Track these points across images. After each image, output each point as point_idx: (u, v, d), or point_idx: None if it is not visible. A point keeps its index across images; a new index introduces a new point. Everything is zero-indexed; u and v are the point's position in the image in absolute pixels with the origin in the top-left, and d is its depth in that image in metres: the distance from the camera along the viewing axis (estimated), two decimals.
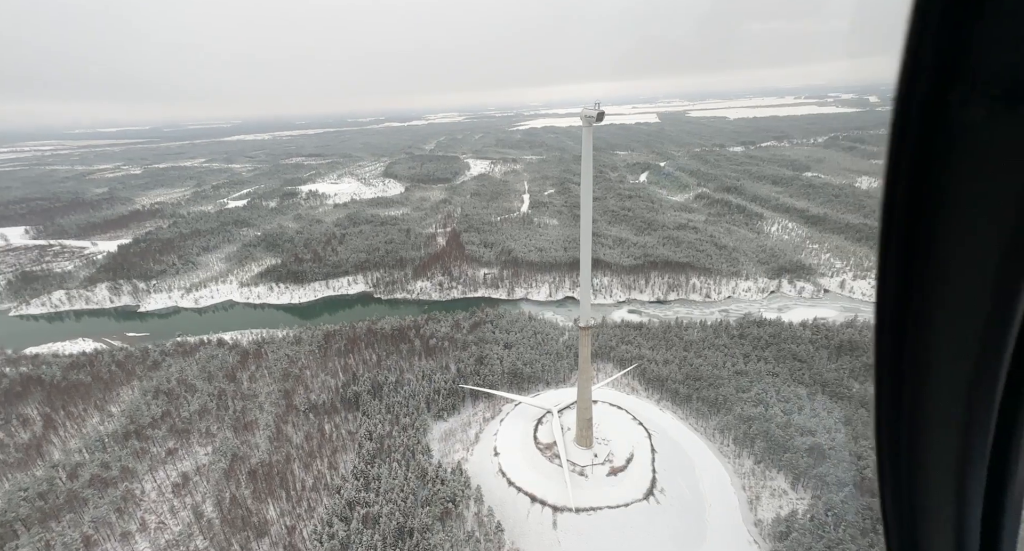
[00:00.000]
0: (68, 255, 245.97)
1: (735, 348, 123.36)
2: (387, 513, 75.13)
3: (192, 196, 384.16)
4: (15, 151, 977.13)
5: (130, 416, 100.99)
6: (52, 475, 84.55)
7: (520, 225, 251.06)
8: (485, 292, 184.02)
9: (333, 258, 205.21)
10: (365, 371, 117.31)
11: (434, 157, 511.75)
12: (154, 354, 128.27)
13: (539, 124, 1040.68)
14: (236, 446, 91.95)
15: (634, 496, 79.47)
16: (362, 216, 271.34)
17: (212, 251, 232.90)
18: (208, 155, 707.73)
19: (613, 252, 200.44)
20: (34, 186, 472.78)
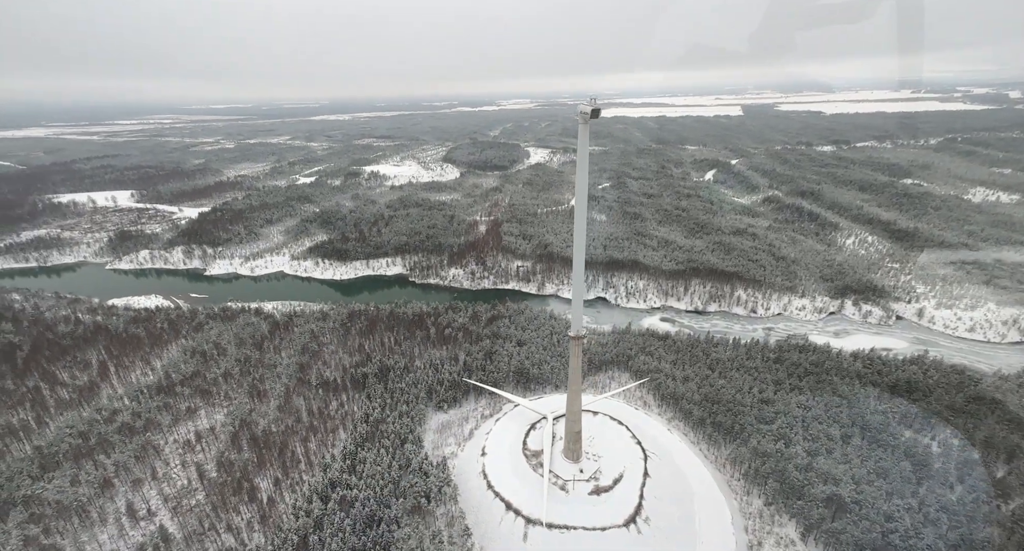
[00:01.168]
0: (159, 218, 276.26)
1: (766, 373, 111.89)
2: (363, 499, 76.77)
3: (270, 171, 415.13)
4: (143, 123, 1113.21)
5: (166, 372, 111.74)
6: (94, 417, 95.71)
7: (565, 218, 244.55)
8: (516, 285, 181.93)
9: (376, 239, 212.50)
10: (378, 353, 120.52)
11: (495, 144, 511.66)
12: (201, 316, 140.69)
13: (610, 114, 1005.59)
14: (247, 412, 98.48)
15: (613, 520, 74.88)
16: (413, 199, 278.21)
17: (275, 224, 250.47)
18: (293, 133, 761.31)
19: (655, 254, 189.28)
20: (148, 155, 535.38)
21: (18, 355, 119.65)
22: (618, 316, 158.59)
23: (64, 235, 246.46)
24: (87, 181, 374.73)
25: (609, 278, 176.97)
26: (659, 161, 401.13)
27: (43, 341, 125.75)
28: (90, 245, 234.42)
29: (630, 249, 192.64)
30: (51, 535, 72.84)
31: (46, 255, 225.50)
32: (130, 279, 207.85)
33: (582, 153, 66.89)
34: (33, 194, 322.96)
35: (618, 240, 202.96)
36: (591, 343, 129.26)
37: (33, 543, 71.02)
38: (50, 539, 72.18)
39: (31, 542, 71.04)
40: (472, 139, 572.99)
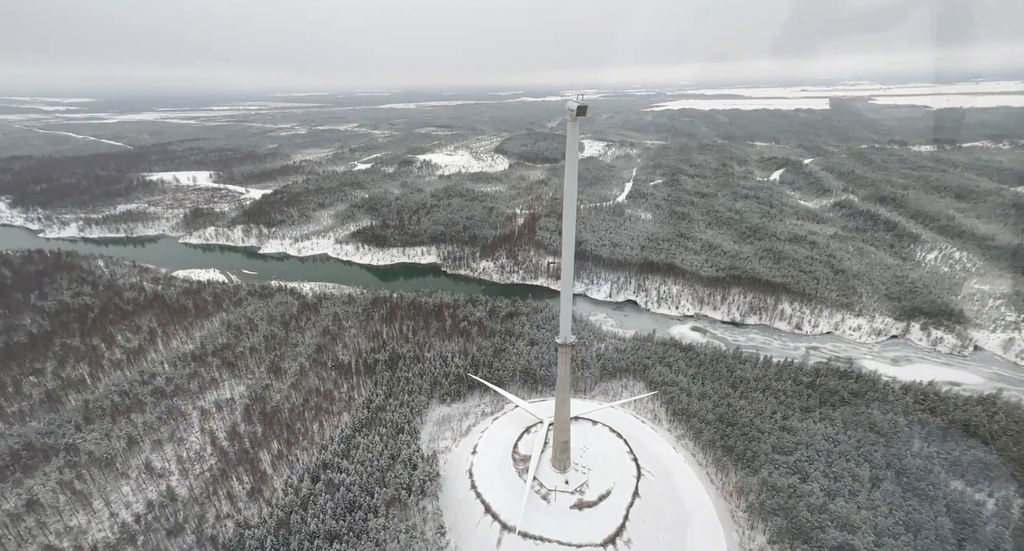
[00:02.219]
0: (229, 198, 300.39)
1: (795, 397, 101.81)
2: (348, 484, 79.11)
3: (332, 157, 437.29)
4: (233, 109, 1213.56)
5: (202, 343, 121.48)
6: (135, 379, 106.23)
7: (607, 215, 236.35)
8: (544, 281, 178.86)
9: (414, 227, 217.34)
10: (393, 341, 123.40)
11: (550, 136, 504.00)
12: (242, 292, 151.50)
13: (678, 105, 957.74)
14: (263, 387, 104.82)
15: (592, 538, 71.67)
16: (458, 189, 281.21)
17: (326, 208, 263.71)
18: (361, 121, 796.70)
19: (695, 259, 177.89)
20: (232, 139, 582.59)
21: (89, 316, 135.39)
22: (646, 321, 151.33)
23: (149, 210, 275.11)
24: (176, 161, 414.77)
25: (642, 281, 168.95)
26: (721, 158, 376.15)
27: (110, 305, 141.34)
28: (168, 220, 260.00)
29: (669, 251, 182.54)
30: (83, 482, 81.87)
31: (132, 227, 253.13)
32: (197, 253, 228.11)
33: (571, 153, 62.92)
34: (131, 172, 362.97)
35: (658, 241, 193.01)
36: (607, 348, 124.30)
37: (67, 487, 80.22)
38: (81, 485, 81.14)
39: (65, 486, 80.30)
40: (528, 130, 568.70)
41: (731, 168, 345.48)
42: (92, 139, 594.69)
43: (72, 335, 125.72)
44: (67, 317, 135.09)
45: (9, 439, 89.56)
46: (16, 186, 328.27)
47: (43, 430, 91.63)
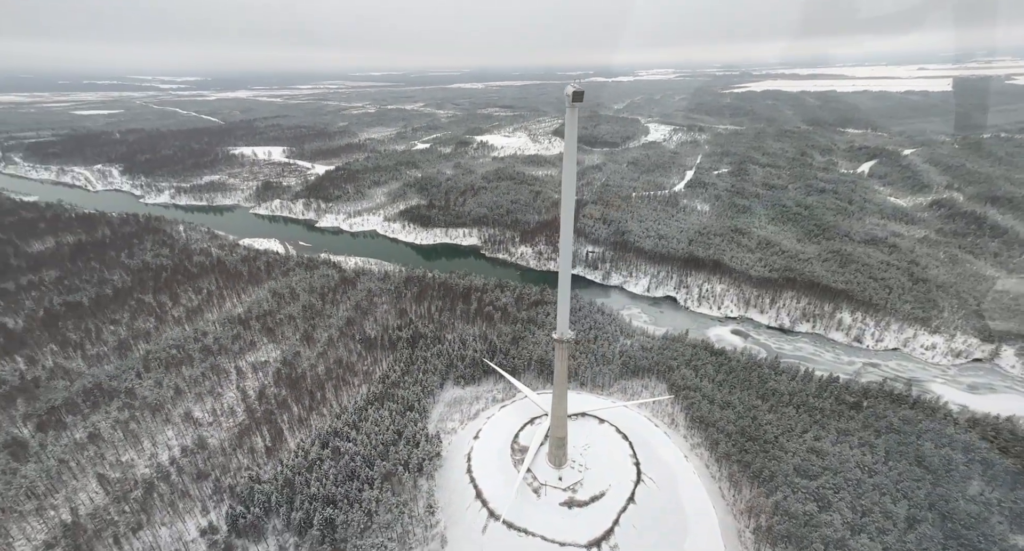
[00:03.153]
0: (296, 173, 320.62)
1: (832, 418, 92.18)
2: (352, 453, 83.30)
3: (395, 136, 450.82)
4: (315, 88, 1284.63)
5: (249, 307, 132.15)
6: (188, 335, 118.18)
7: (660, 205, 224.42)
8: (581, 271, 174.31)
9: (459, 209, 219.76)
10: (418, 320, 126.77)
11: (613, 118, 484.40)
12: (291, 263, 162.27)
13: (761, 87, 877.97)
14: (294, 354, 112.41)
15: (576, 538, 70.28)
16: (508, 172, 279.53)
17: (381, 185, 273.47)
18: (427, 100, 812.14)
19: (748, 257, 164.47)
20: (309, 116, 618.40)
21: (162, 275, 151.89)
22: (682, 320, 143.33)
23: (228, 181, 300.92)
24: (258, 137, 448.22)
25: (684, 277, 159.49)
26: (800, 146, 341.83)
27: (180, 267, 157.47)
28: (243, 191, 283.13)
29: (718, 247, 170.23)
30: (135, 422, 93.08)
31: (213, 196, 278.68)
32: (263, 223, 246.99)
33: (569, 141, 59.34)
34: (219, 146, 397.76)
35: (709, 235, 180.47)
36: (633, 345, 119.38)
37: (122, 425, 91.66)
38: (134, 425, 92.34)
39: (121, 425, 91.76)
40: (593, 112, 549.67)
41: (810, 158, 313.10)
42: (194, 115, 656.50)
43: (147, 291, 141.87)
44: (145, 275, 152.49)
45: (85, 379, 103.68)
46: (128, 156, 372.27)
47: (112, 374, 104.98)
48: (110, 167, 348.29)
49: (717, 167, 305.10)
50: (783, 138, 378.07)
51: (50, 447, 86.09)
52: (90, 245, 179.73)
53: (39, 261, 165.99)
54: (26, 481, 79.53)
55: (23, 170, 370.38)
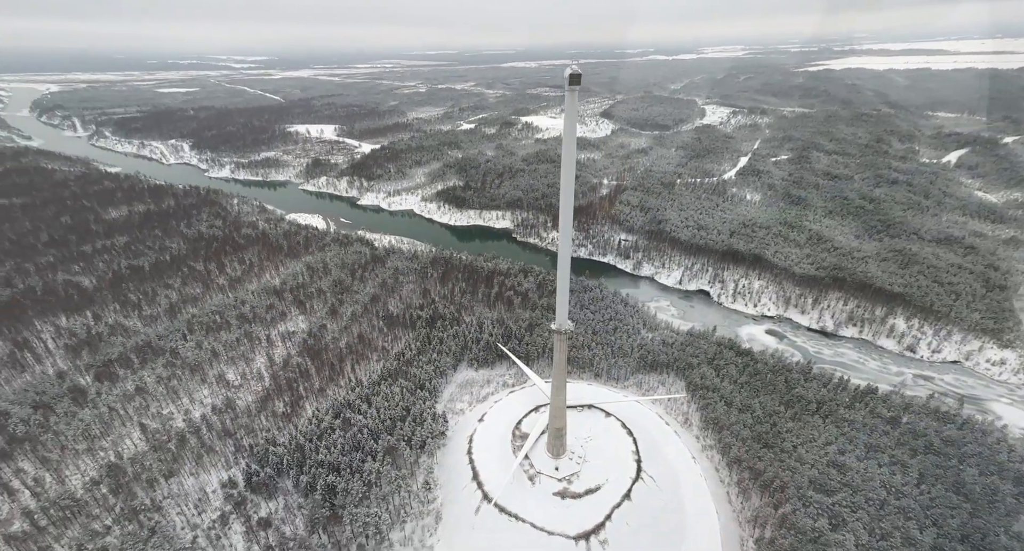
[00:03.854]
0: (345, 151, 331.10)
1: (863, 432, 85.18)
2: (360, 425, 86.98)
3: (442, 116, 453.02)
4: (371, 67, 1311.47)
5: (285, 279, 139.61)
6: (229, 303, 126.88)
7: (705, 193, 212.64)
8: (612, 259, 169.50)
9: (494, 191, 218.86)
10: (439, 300, 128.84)
11: (668, 100, 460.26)
12: (328, 238, 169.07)
13: (842, 64, 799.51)
14: (320, 327, 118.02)
15: (565, 530, 70.10)
16: (549, 155, 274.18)
17: (422, 165, 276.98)
18: (478, 79, 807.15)
19: (793, 252, 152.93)
20: (362, 95, 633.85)
21: (213, 245, 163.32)
22: (713, 316, 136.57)
23: (282, 158, 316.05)
24: (313, 115, 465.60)
25: (720, 270, 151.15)
26: (876, 132, 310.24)
27: (229, 238, 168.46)
28: (294, 168, 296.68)
29: (762, 240, 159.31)
30: (176, 380, 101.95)
31: (267, 172, 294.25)
32: (310, 199, 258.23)
33: (568, 125, 56.56)
34: (277, 123, 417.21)
35: (753, 227, 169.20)
36: (655, 339, 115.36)
37: (164, 382, 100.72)
38: (175, 383, 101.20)
39: (162, 381, 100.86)
40: (646, 92, 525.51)
41: (887, 145, 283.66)
42: (259, 93, 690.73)
43: (198, 260, 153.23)
44: (199, 244, 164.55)
45: (139, 337, 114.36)
46: (197, 132, 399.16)
47: (161, 334, 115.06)
48: (182, 142, 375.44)
49: (776, 153, 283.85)
50: (857, 122, 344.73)
51: (104, 396, 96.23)
52: (156, 214, 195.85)
53: (113, 227, 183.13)
54: (82, 424, 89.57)
55: (111, 143, 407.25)
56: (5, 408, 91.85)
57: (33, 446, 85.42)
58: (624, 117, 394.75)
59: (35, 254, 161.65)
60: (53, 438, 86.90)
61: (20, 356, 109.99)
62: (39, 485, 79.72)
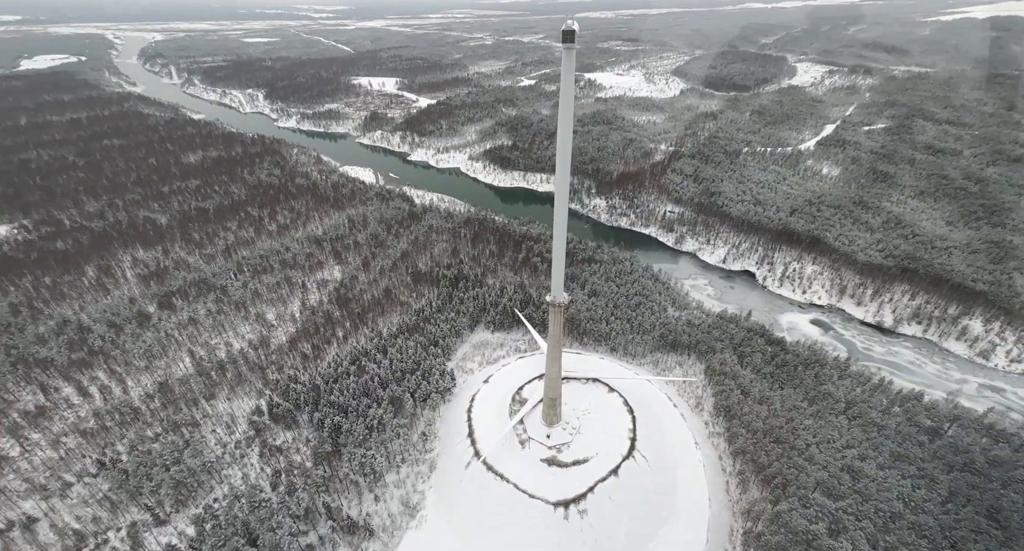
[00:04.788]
0: (403, 105, 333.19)
1: (889, 441, 77.67)
2: (372, 374, 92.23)
3: (503, 70, 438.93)
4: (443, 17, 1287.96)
5: (327, 230, 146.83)
6: (275, 248, 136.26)
7: (775, 164, 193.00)
8: (654, 231, 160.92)
9: (541, 153, 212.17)
10: (467, 261, 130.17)
11: (754, 56, 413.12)
12: (371, 192, 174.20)
13: (991, 10, 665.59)
14: (351, 277, 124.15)
15: (546, 495, 71.42)
16: (606, 116, 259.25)
17: (475, 123, 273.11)
18: (547, 31, 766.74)
19: (861, 236, 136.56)
20: (429, 48, 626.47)
21: (269, 193, 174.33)
22: (754, 300, 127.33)
23: (344, 110, 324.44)
24: (378, 67, 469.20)
25: (770, 251, 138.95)
26: (1011, 97, 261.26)
27: (283, 187, 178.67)
28: (353, 121, 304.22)
29: (826, 221, 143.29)
30: (223, 315, 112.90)
31: (328, 124, 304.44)
32: (364, 152, 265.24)
33: (565, 87, 52.13)
34: (343, 75, 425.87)
35: (820, 206, 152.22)
36: (681, 318, 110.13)
37: (212, 315, 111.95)
38: (221, 317, 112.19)
39: (211, 315, 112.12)
40: (731, 48, 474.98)
41: (1019, 114, 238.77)
42: (332, 44, 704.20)
43: (254, 206, 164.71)
44: (257, 191, 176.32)
45: (196, 273, 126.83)
46: (271, 82, 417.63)
47: (215, 272, 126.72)
48: (257, 92, 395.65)
49: (871, 121, 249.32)
50: (989, 86, 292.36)
51: (163, 322, 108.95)
52: (225, 160, 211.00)
53: (188, 171, 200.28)
54: (144, 345, 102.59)
55: (199, 91, 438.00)
56: (89, 324, 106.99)
57: (106, 359, 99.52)
58: (698, 76, 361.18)
59: (125, 191, 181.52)
60: (121, 354, 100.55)
61: (104, 281, 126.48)
62: (107, 392, 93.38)
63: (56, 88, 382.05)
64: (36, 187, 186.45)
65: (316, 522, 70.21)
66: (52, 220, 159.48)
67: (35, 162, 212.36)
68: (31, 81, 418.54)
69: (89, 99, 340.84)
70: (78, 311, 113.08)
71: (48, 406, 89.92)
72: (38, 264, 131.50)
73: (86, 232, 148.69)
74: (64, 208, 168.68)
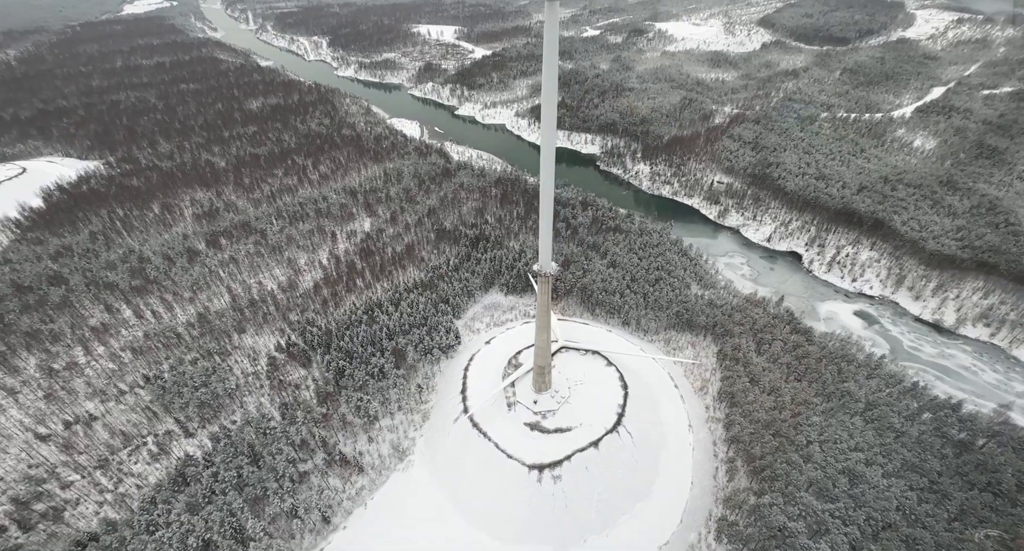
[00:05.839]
0: (458, 56, 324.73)
1: (906, 450, 71.03)
2: (381, 324, 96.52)
3: (568, 19, 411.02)
4: None
5: (363, 183, 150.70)
6: (313, 197, 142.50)
7: (856, 134, 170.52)
8: (696, 202, 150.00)
9: (588, 112, 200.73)
10: (492, 222, 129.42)
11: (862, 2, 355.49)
12: (410, 146, 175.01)
13: None
14: (378, 230, 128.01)
15: (523, 458, 72.97)
16: (670, 72, 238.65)
17: (527, 76, 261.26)
18: None
19: (937, 221, 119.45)
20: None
21: (316, 141, 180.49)
22: (794, 284, 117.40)
23: (399, 60, 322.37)
24: (440, 14, 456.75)
25: (823, 232, 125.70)
26: None
27: (330, 137, 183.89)
28: (408, 71, 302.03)
29: (898, 202, 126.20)
30: (259, 257, 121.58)
31: (383, 75, 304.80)
32: (415, 105, 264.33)
33: (549, 47, 47.63)
34: (404, 23, 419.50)
35: (897, 184, 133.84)
36: (702, 298, 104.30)
37: (251, 257, 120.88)
38: (258, 260, 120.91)
39: (250, 256, 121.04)
40: None
41: None
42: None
43: (300, 155, 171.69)
44: (305, 140, 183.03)
45: (242, 215, 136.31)
46: (335, 29, 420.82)
47: (258, 216, 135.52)
48: (322, 39, 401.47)
49: (996, 83, 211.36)
50: None
51: (208, 259, 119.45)
52: (281, 108, 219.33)
53: (248, 117, 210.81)
54: (191, 278, 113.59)
55: (270, 37, 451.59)
56: (148, 256, 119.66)
57: (159, 287, 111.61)
58: (787, 26, 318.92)
59: (192, 134, 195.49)
60: (171, 284, 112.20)
61: (166, 217, 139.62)
62: (158, 317, 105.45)
63: (148, 32, 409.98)
64: (122, 127, 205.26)
65: (314, 453, 77.19)
66: (131, 158, 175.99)
67: (123, 103, 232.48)
68: (129, 26, 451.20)
69: (173, 44, 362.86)
70: (142, 243, 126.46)
71: (111, 324, 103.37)
72: (115, 198, 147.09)
73: (156, 171, 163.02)
74: (142, 148, 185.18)
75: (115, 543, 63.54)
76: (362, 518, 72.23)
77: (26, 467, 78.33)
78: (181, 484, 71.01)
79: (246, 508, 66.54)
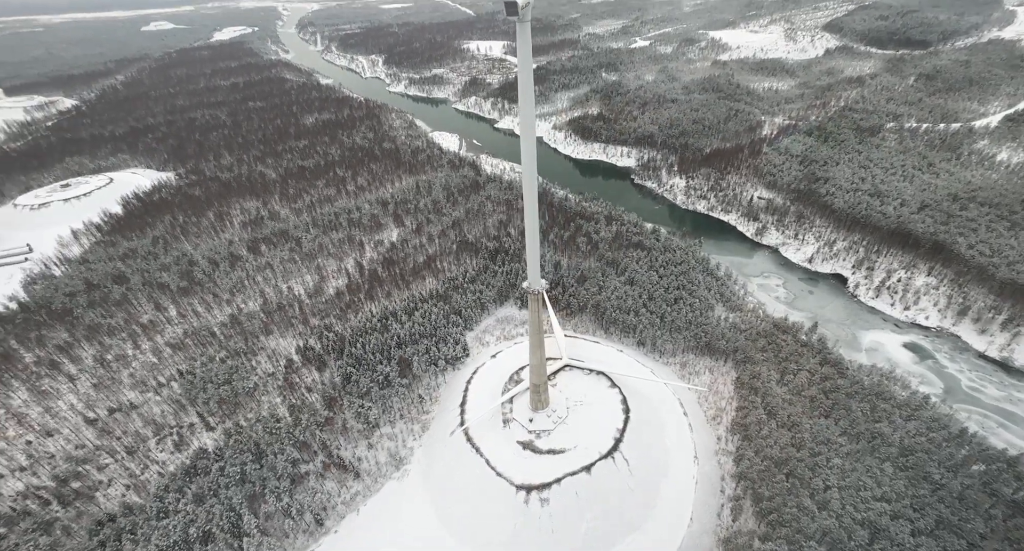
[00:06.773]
0: (503, 70, 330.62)
1: (939, 504, 62.23)
2: (392, 333, 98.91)
3: (619, 30, 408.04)
4: None
5: (394, 195, 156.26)
6: (348, 208, 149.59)
7: (925, 146, 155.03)
8: (733, 219, 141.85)
9: (626, 124, 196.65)
10: (514, 235, 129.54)
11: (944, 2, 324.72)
12: (443, 160, 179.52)
13: None
14: (403, 241, 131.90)
15: (512, 477, 71.29)
16: (719, 82, 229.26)
17: (569, 89, 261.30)
18: None
19: (1011, 245, 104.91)
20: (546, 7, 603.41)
21: (358, 155, 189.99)
22: (835, 310, 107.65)
23: (447, 76, 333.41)
24: (490, 31, 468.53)
25: (872, 253, 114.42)
26: None
27: (370, 151, 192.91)
28: (454, 86, 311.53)
29: (965, 223, 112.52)
30: (293, 264, 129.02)
31: (430, 89, 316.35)
32: (458, 118, 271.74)
33: (523, 64, 46.96)
34: (454, 40, 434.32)
35: (966, 202, 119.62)
36: (725, 321, 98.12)
37: (285, 263, 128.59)
38: (292, 266, 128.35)
39: (284, 262, 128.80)
40: None
41: None
42: (456, 7, 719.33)
43: (342, 167, 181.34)
44: (348, 153, 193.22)
45: (282, 224, 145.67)
46: (391, 47, 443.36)
47: (296, 225, 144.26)
48: (378, 57, 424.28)
49: None
50: None
51: (248, 264, 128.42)
52: (331, 123, 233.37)
53: (301, 132, 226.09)
54: (230, 282, 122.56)
55: (333, 57, 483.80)
56: (197, 260, 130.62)
57: (201, 288, 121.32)
58: (858, 30, 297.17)
59: (251, 148, 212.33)
60: (212, 286, 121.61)
61: (217, 225, 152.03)
62: (198, 317, 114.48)
63: (229, 56, 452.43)
64: (194, 141, 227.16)
65: (314, 455, 79.96)
66: (197, 170, 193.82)
67: (198, 120, 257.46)
68: (214, 50, 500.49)
69: (248, 65, 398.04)
70: (194, 248, 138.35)
71: (158, 321, 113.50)
72: (179, 206, 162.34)
73: (216, 181, 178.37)
74: (207, 160, 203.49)
75: (128, 526, 68.91)
76: (354, 523, 73.57)
77: (72, 448, 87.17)
78: (193, 475, 75.94)
79: (244, 504, 69.90)
